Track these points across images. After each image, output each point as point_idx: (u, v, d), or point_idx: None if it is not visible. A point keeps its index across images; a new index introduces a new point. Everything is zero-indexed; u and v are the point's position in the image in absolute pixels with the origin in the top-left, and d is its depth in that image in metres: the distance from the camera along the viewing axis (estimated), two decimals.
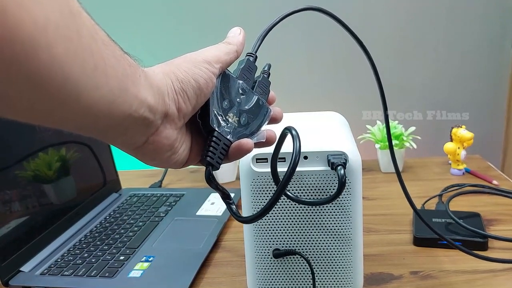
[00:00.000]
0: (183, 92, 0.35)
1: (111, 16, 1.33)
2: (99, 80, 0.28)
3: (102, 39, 0.29)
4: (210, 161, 0.39)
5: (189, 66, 0.36)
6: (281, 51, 1.35)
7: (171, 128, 0.36)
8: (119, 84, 0.30)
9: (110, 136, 0.33)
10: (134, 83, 0.31)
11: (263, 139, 0.42)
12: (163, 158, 0.37)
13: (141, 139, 0.34)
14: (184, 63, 0.37)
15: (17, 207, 0.71)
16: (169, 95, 0.35)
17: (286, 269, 0.58)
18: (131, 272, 0.67)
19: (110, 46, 0.29)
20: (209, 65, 0.37)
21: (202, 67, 0.37)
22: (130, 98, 0.31)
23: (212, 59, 0.38)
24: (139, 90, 0.31)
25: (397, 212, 0.85)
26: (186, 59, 0.37)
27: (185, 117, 0.37)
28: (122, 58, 0.31)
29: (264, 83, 0.43)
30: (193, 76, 0.36)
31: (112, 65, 0.29)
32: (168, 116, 0.35)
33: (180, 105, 0.35)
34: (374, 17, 1.32)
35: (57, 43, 0.24)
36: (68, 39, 0.25)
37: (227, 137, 0.39)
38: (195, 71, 0.36)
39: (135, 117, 0.32)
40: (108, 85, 0.29)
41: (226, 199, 0.40)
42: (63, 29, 0.25)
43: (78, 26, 0.26)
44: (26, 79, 0.24)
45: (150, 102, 0.32)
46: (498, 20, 1.32)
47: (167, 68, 0.36)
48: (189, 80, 0.36)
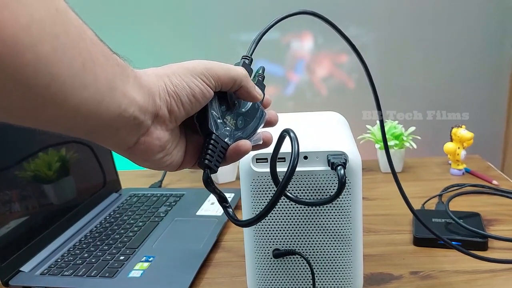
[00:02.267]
0: (176, 96, 0.35)
1: (111, 17, 1.33)
2: (87, 79, 0.28)
3: (90, 38, 0.28)
4: (208, 164, 0.38)
5: (186, 73, 0.36)
6: (281, 51, 1.35)
7: (162, 130, 0.35)
8: (108, 83, 0.29)
9: (100, 137, 0.33)
10: (123, 82, 0.31)
11: (260, 141, 0.42)
12: (156, 159, 0.37)
13: (132, 140, 0.34)
14: (181, 69, 0.36)
15: (17, 207, 0.71)
16: (160, 96, 0.34)
17: (286, 269, 0.58)
18: (131, 272, 0.67)
19: (99, 45, 0.29)
20: (207, 78, 0.37)
21: (198, 77, 0.36)
22: (119, 98, 0.30)
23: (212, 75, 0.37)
24: (128, 90, 0.31)
25: (397, 212, 0.85)
26: (184, 66, 0.37)
27: (177, 120, 0.36)
28: (111, 58, 0.30)
29: (259, 86, 0.43)
30: (188, 84, 0.36)
31: (100, 64, 0.29)
32: (159, 117, 0.35)
33: (172, 107, 0.35)
34: (374, 17, 1.32)
35: (42, 42, 0.24)
36: (55, 37, 0.25)
37: (225, 140, 0.39)
38: (191, 79, 0.36)
39: (124, 117, 0.31)
40: (96, 84, 0.28)
41: (223, 203, 0.40)
42: (49, 27, 0.25)
43: (64, 25, 0.26)
44: (11, 78, 0.24)
45: (139, 102, 0.32)
46: (498, 20, 1.32)
47: (161, 71, 0.36)
48: (184, 86, 0.35)
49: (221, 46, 1.37)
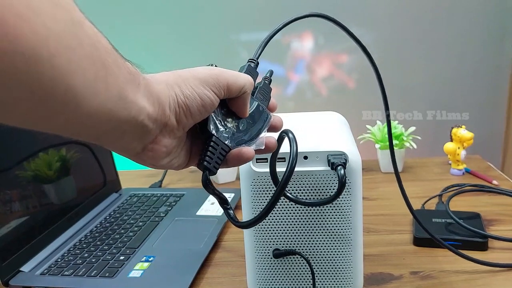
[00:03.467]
0: (186, 107, 0.35)
1: (111, 16, 1.33)
2: (99, 87, 0.28)
3: (104, 47, 0.29)
4: (207, 166, 0.38)
5: (197, 84, 0.36)
6: (281, 51, 1.35)
7: (169, 138, 0.36)
8: (119, 91, 0.30)
9: (110, 142, 0.33)
10: (133, 91, 0.31)
11: (262, 146, 0.41)
12: (163, 163, 0.38)
13: (139, 146, 0.35)
14: (192, 79, 0.36)
15: (17, 207, 0.71)
16: (170, 107, 0.34)
17: (286, 269, 0.58)
18: (131, 272, 0.67)
19: (112, 54, 0.30)
20: (216, 88, 0.37)
21: (209, 88, 0.36)
22: (129, 106, 0.31)
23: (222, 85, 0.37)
24: (138, 98, 0.31)
25: (397, 212, 0.85)
26: (194, 75, 0.36)
27: (185, 129, 0.37)
28: (123, 66, 0.31)
29: (265, 89, 0.43)
30: (200, 95, 0.36)
31: (113, 73, 0.29)
32: (167, 126, 0.35)
33: (181, 117, 0.35)
34: (374, 17, 1.32)
35: (59, 54, 0.25)
36: (70, 50, 0.25)
37: (225, 142, 0.39)
38: (203, 91, 0.36)
39: (134, 124, 0.32)
40: (107, 92, 0.29)
41: (223, 204, 0.40)
42: (65, 40, 0.25)
43: (80, 36, 0.26)
44: (27, 88, 0.24)
45: (149, 111, 0.33)
46: (498, 20, 1.32)
47: (172, 79, 0.36)
48: (195, 97, 0.35)
49: (221, 46, 1.36)
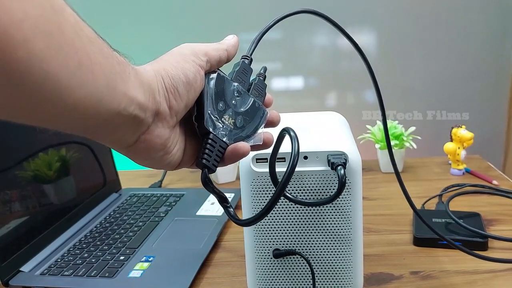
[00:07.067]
0: (174, 89, 0.35)
1: (111, 16, 1.33)
2: (84, 78, 0.27)
3: (87, 36, 0.28)
4: (206, 164, 0.38)
5: (178, 60, 0.36)
6: (280, 51, 1.35)
7: (163, 127, 0.35)
8: (107, 82, 0.29)
9: (100, 135, 0.33)
10: (123, 80, 0.31)
11: (260, 141, 0.42)
12: (156, 158, 0.37)
13: (132, 138, 0.34)
14: (172, 58, 0.37)
15: (17, 207, 0.71)
16: (159, 93, 0.34)
17: (286, 269, 0.58)
18: (131, 272, 0.67)
19: (97, 43, 0.29)
20: (196, 57, 0.37)
21: (190, 60, 0.37)
22: (119, 96, 0.30)
23: (199, 51, 0.38)
24: (128, 88, 0.31)
25: (397, 212, 0.85)
26: (173, 54, 0.37)
27: (177, 115, 0.36)
28: (110, 56, 0.30)
29: (260, 85, 0.43)
30: (182, 71, 0.36)
31: (99, 63, 0.28)
32: (160, 114, 0.35)
33: (171, 102, 0.35)
34: (375, 17, 1.32)
35: (36, 39, 0.24)
36: (48, 35, 0.25)
37: (223, 139, 0.39)
38: (184, 65, 0.36)
39: (124, 115, 0.31)
40: (94, 83, 0.28)
41: (224, 203, 0.40)
42: (43, 25, 0.24)
43: (59, 22, 0.26)
44: (3, 74, 0.24)
45: (140, 100, 0.32)
46: (498, 20, 1.32)
47: (157, 65, 0.36)
48: (179, 75, 0.36)
49: None
